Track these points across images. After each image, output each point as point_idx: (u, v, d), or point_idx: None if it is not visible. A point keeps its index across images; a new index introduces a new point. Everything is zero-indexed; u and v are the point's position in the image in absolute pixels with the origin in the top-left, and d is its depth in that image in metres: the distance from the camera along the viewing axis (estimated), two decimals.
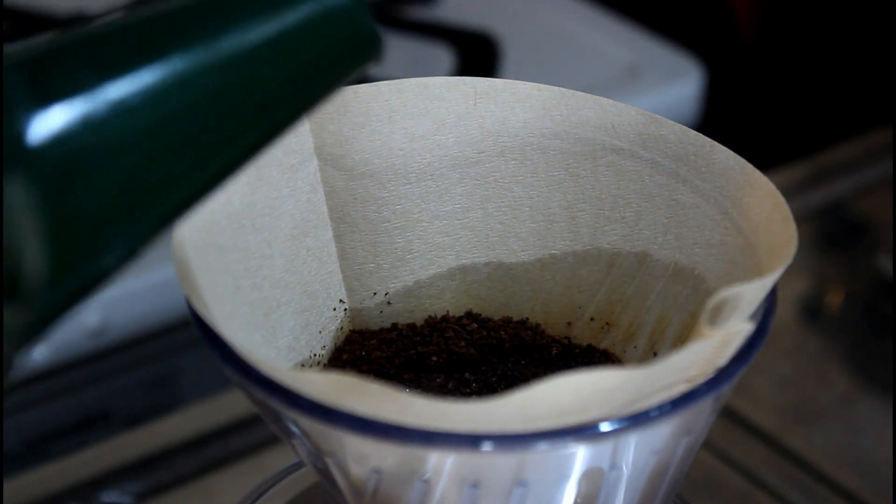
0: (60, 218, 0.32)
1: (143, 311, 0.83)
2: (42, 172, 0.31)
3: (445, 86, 0.50)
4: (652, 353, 0.49)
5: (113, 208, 0.33)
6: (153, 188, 0.34)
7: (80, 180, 0.32)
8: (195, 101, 0.33)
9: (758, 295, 0.42)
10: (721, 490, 0.73)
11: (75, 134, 0.32)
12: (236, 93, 0.34)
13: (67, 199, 0.32)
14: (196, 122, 0.34)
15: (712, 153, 0.48)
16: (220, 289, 0.44)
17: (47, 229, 0.32)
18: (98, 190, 0.32)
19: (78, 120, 0.32)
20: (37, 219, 0.31)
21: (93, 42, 0.32)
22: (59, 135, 0.31)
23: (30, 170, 0.31)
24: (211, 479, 0.73)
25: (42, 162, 0.31)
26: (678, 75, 1.02)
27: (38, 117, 0.31)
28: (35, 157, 0.31)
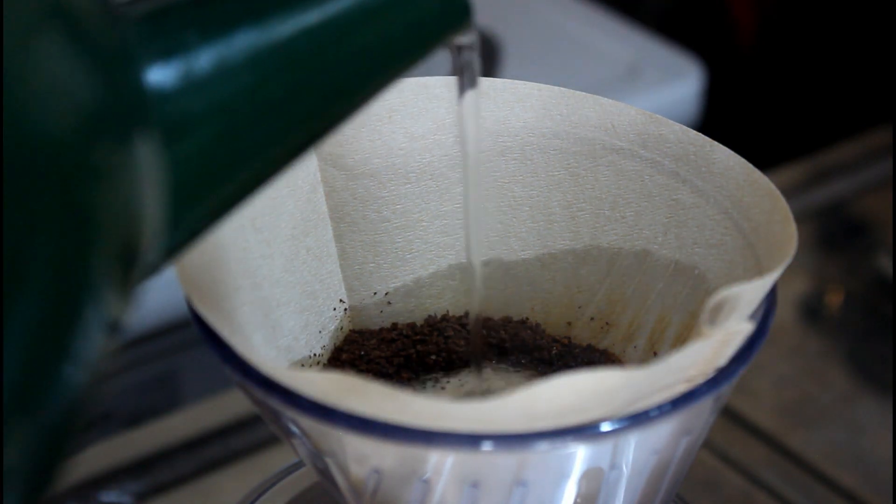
0: (177, 167, 0.33)
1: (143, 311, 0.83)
2: (160, 127, 0.32)
3: (445, 86, 0.50)
4: (652, 353, 0.49)
5: (214, 167, 0.34)
6: (252, 148, 0.35)
7: (187, 138, 0.33)
8: (291, 64, 0.34)
9: (757, 295, 0.42)
10: (721, 490, 0.73)
11: (182, 92, 0.33)
12: (332, 56, 0.35)
13: (179, 155, 0.33)
14: (292, 84, 0.35)
15: (712, 153, 0.48)
16: (220, 288, 0.44)
17: (166, 178, 0.33)
18: (201, 148, 0.34)
19: (184, 78, 0.33)
20: (156, 170, 0.32)
21: (196, 2, 0.33)
22: (170, 91, 0.33)
23: (152, 124, 0.32)
24: (211, 479, 0.73)
25: (159, 116, 0.32)
26: (678, 75, 1.02)
27: (155, 72, 0.32)
28: (154, 111, 0.32)
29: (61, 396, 0.30)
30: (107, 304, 0.31)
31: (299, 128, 0.36)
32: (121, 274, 0.31)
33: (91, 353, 0.30)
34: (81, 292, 0.30)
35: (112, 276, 0.31)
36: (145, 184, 0.32)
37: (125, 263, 0.31)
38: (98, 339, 0.31)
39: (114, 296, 0.31)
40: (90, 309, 0.30)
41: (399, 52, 0.37)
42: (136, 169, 0.31)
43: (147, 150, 0.32)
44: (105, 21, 0.31)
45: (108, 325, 0.31)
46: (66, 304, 0.29)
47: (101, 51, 0.31)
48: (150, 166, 0.32)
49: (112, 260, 0.31)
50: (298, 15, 0.34)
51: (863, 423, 0.78)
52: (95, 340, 0.30)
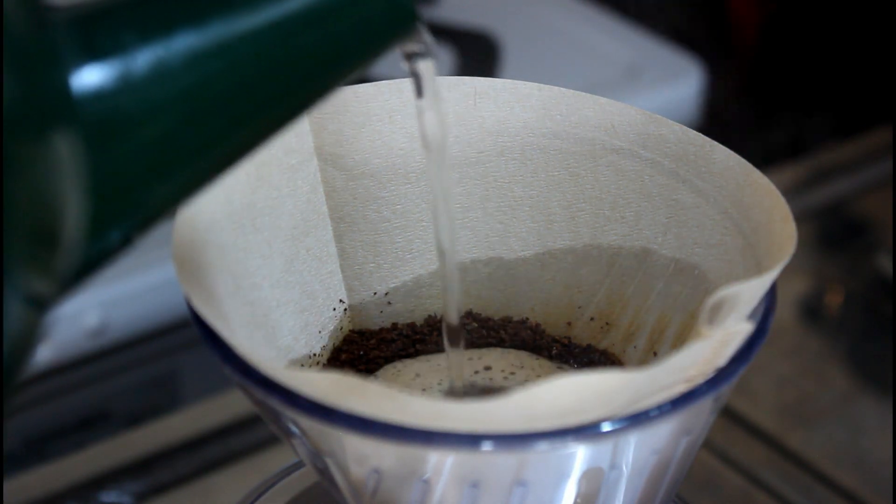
0: (101, 172, 0.33)
1: (143, 311, 0.83)
2: (85, 126, 0.32)
3: (445, 86, 0.50)
4: (652, 354, 0.49)
5: (149, 167, 0.34)
6: (189, 150, 0.34)
7: (120, 137, 0.33)
8: (233, 66, 0.34)
9: (756, 294, 0.42)
10: (721, 490, 0.73)
11: (116, 92, 0.32)
12: (273, 60, 0.35)
13: (107, 154, 0.33)
14: (233, 86, 0.34)
15: (712, 153, 0.48)
16: (221, 288, 0.44)
17: (88, 183, 0.32)
18: (136, 148, 0.33)
19: (119, 79, 0.32)
20: (78, 172, 0.32)
21: (136, 3, 0.33)
22: (101, 91, 0.32)
23: (74, 122, 0.32)
24: (211, 479, 0.73)
25: (85, 115, 0.32)
26: (678, 75, 1.02)
27: (84, 73, 0.32)
28: (79, 110, 0.32)
29: None
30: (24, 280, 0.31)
31: (237, 132, 0.35)
32: (40, 256, 0.31)
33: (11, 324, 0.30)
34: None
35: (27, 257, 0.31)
36: (64, 180, 0.31)
37: (44, 248, 0.31)
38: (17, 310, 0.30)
39: (33, 273, 0.31)
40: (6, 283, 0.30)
41: (342, 57, 0.36)
42: (52, 165, 0.31)
43: (68, 149, 0.32)
44: (32, 21, 0.31)
45: (28, 298, 0.31)
46: None
47: (23, 49, 0.31)
48: (72, 164, 0.32)
49: (26, 243, 0.31)
50: (240, 17, 0.34)
51: (863, 423, 0.78)
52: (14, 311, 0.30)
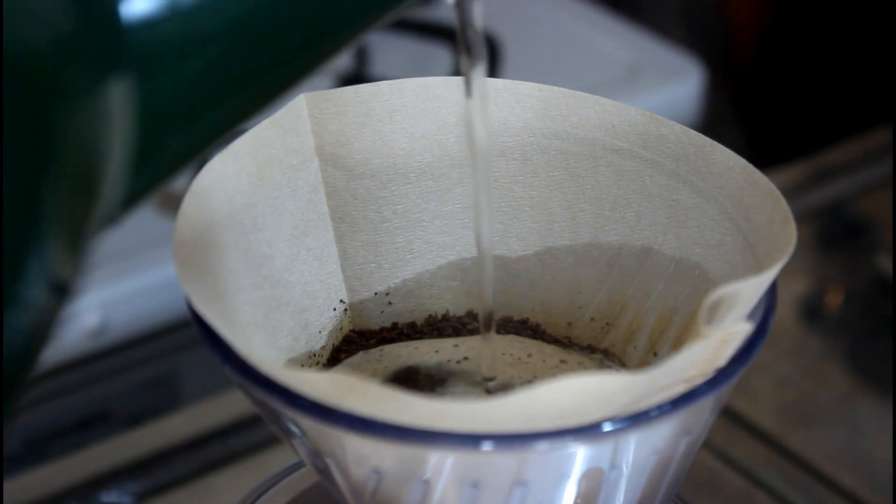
0: (149, 104, 0.32)
1: (143, 311, 0.83)
2: (134, 54, 0.32)
3: (445, 86, 0.50)
4: (652, 354, 0.49)
5: (196, 96, 0.34)
6: (234, 80, 0.34)
7: (167, 66, 0.33)
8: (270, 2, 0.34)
9: (755, 292, 0.42)
10: (721, 490, 0.73)
11: (164, 20, 0.32)
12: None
13: (155, 82, 0.33)
14: (279, 18, 0.34)
15: (713, 153, 0.48)
16: (221, 288, 0.44)
17: (137, 116, 0.32)
18: (183, 76, 0.33)
19: (167, 7, 0.32)
20: (127, 105, 0.32)
21: None
22: (149, 20, 0.32)
23: (123, 55, 0.32)
24: (211, 479, 0.73)
25: (134, 44, 0.32)
26: (678, 75, 1.02)
27: (131, 3, 0.32)
28: (128, 38, 0.32)
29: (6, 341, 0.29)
30: (55, 245, 0.30)
31: (282, 63, 0.35)
32: (75, 211, 0.31)
33: (37, 298, 0.30)
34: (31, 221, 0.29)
35: (64, 211, 0.30)
36: (113, 118, 0.31)
37: (81, 200, 0.31)
38: (44, 281, 0.30)
39: (64, 236, 0.30)
40: (37, 244, 0.29)
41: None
42: (104, 101, 0.31)
43: (119, 85, 0.31)
44: None
45: (54, 275, 0.30)
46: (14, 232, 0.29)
47: None
48: (121, 100, 0.31)
49: (67, 193, 0.30)
50: None
51: (863, 423, 0.78)
52: (41, 283, 0.30)
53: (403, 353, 0.50)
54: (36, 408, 0.82)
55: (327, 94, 0.49)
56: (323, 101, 0.49)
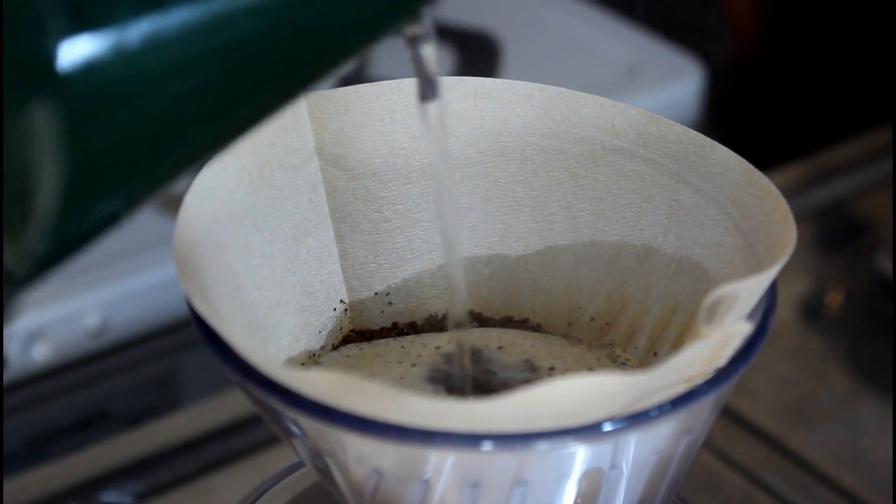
0: (82, 148, 0.31)
1: (143, 311, 0.83)
2: (69, 98, 0.31)
3: (446, 86, 0.50)
4: (652, 354, 0.49)
5: (137, 143, 0.32)
6: (179, 127, 0.33)
7: (107, 112, 0.32)
8: (231, 42, 0.33)
9: (754, 292, 0.42)
10: (721, 490, 0.73)
11: (107, 64, 0.31)
12: (273, 36, 0.34)
13: (91, 129, 0.31)
14: (231, 62, 0.33)
15: (712, 153, 0.48)
16: (221, 288, 0.44)
17: (67, 158, 0.31)
18: (124, 123, 0.32)
19: (111, 50, 0.31)
20: (58, 146, 0.31)
21: None
22: (90, 63, 0.31)
23: (57, 94, 0.31)
24: (211, 479, 0.73)
25: (70, 88, 0.31)
26: (678, 75, 1.02)
27: (72, 43, 0.31)
28: (64, 82, 0.31)
29: None
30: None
31: (232, 110, 0.34)
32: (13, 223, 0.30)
33: None
34: None
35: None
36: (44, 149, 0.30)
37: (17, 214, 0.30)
38: None
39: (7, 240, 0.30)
40: None
41: (343, 35, 0.35)
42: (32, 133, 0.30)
43: (49, 118, 0.31)
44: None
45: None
46: None
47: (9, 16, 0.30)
48: (52, 134, 0.31)
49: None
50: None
51: (863, 423, 0.78)
52: None
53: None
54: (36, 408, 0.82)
55: (328, 94, 0.49)
56: (323, 100, 0.49)
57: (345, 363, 0.49)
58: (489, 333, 0.50)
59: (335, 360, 0.49)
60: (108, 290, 0.82)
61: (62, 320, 0.81)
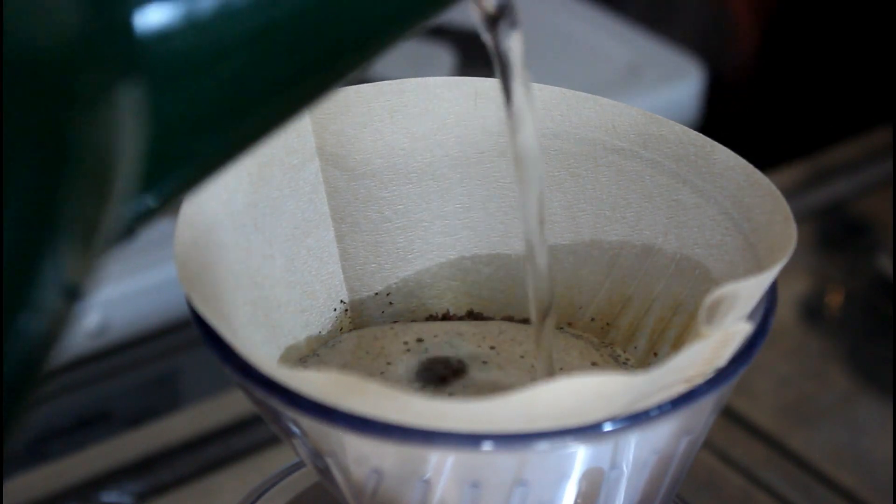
0: (162, 115, 0.32)
1: (143, 311, 0.83)
2: (148, 68, 0.31)
3: (446, 86, 0.50)
4: (652, 354, 0.49)
5: (213, 111, 0.33)
6: (253, 95, 0.33)
7: (183, 80, 0.32)
8: (301, 10, 0.33)
9: (754, 292, 0.42)
10: (721, 490, 0.73)
11: (181, 32, 0.31)
12: (339, 7, 0.34)
13: (170, 96, 0.32)
14: (300, 31, 0.33)
15: (713, 153, 0.48)
16: (221, 288, 0.44)
17: (149, 126, 0.31)
18: (200, 91, 0.32)
19: (184, 18, 0.31)
20: (140, 115, 0.31)
21: None
22: (165, 32, 0.31)
23: (137, 64, 0.31)
24: (211, 479, 0.73)
25: (149, 57, 0.31)
26: (678, 75, 1.02)
27: (147, 13, 0.31)
28: (142, 51, 0.31)
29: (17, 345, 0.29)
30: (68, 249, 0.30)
31: (300, 82, 0.34)
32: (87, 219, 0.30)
33: (49, 302, 0.29)
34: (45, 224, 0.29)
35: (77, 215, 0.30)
36: (127, 127, 0.30)
37: (94, 204, 0.30)
38: (57, 285, 0.29)
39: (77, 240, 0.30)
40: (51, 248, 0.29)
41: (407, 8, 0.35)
42: (116, 109, 0.30)
43: (131, 95, 0.31)
44: None
45: (67, 279, 0.30)
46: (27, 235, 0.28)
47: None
48: (134, 110, 0.31)
49: (79, 197, 0.30)
50: None
51: (863, 423, 0.78)
52: (54, 288, 0.29)
53: None
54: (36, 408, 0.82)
55: None
56: (324, 100, 0.49)
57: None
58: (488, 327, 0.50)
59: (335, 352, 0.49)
60: (108, 290, 0.82)
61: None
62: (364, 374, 0.47)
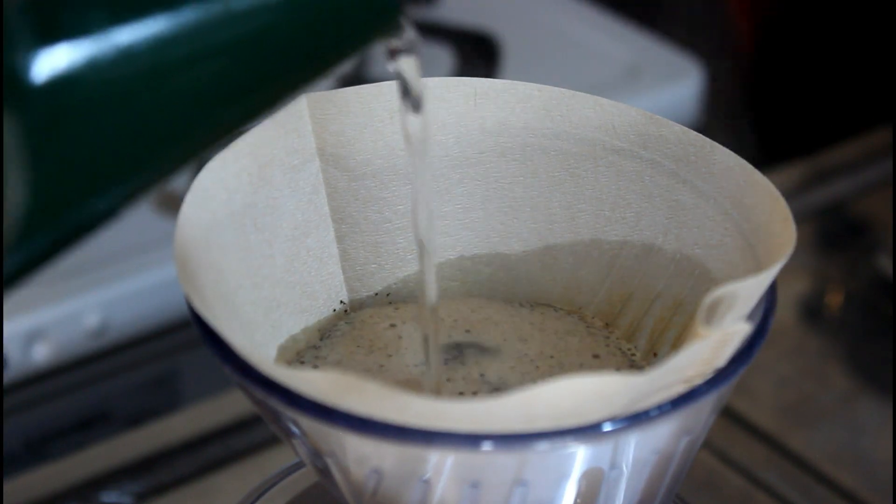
0: (51, 160, 0.31)
1: (143, 311, 0.83)
2: (38, 112, 0.30)
3: (446, 86, 0.50)
4: (652, 354, 0.49)
5: (109, 155, 0.32)
6: (152, 138, 0.33)
7: (79, 123, 0.31)
8: (205, 52, 0.32)
9: (753, 292, 0.42)
10: (721, 490, 0.73)
11: (78, 75, 0.31)
12: (247, 47, 0.33)
13: (62, 140, 0.31)
14: (204, 73, 0.33)
15: (712, 154, 0.48)
16: (221, 288, 0.44)
17: (35, 171, 0.31)
18: (96, 134, 0.31)
19: (83, 61, 0.31)
20: (26, 159, 0.30)
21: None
22: (61, 75, 0.31)
23: (25, 108, 0.30)
24: (211, 479, 0.73)
25: (39, 101, 0.30)
26: (678, 75, 1.02)
27: (42, 55, 0.30)
28: (32, 95, 0.30)
29: None
30: None
31: (211, 118, 0.33)
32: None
33: None
34: None
35: None
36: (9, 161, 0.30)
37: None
38: None
39: None
40: None
41: (319, 48, 0.35)
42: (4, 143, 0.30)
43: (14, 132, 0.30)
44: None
45: None
46: None
47: None
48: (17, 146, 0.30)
49: None
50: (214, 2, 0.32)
51: (863, 423, 0.78)
52: None
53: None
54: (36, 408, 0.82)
55: (328, 94, 0.49)
56: (324, 101, 0.49)
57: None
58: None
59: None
60: (108, 290, 0.82)
61: (62, 320, 0.81)
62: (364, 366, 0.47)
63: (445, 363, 0.47)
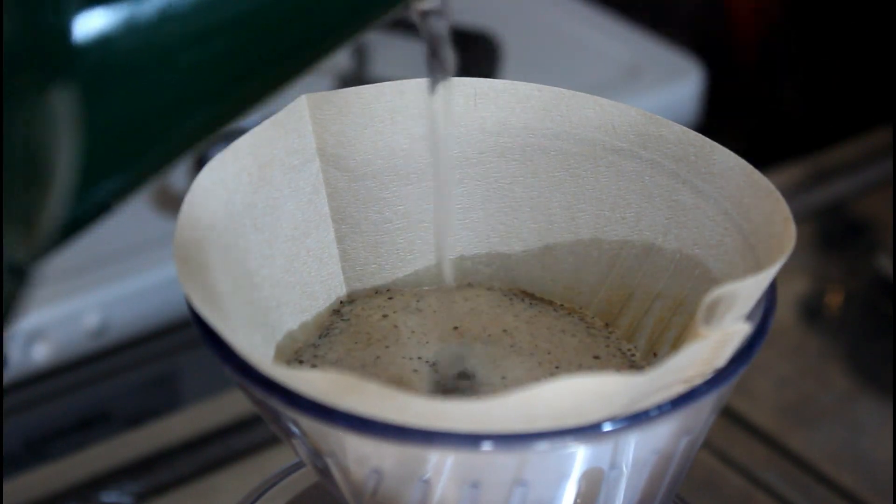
0: (97, 121, 0.31)
1: (143, 311, 0.83)
2: (84, 73, 0.31)
3: (446, 87, 0.50)
4: (652, 354, 0.49)
5: (151, 116, 0.32)
6: (193, 99, 0.33)
7: (121, 84, 0.31)
8: (244, 13, 0.33)
9: (753, 292, 0.42)
10: (721, 490, 0.73)
11: (120, 36, 0.31)
12: (286, 8, 0.33)
13: (107, 102, 0.31)
14: (243, 35, 0.33)
15: (712, 154, 0.48)
16: (221, 288, 0.44)
17: (83, 132, 0.31)
18: (138, 95, 0.32)
19: (124, 22, 0.31)
20: (74, 121, 0.31)
21: None
22: (104, 36, 0.31)
23: (72, 69, 0.31)
24: (211, 479, 0.73)
25: (85, 62, 0.31)
26: (678, 75, 1.02)
27: (85, 17, 0.31)
28: (78, 56, 0.31)
29: None
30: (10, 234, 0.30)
31: (250, 80, 0.34)
32: (26, 208, 0.30)
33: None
34: None
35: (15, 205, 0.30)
36: (60, 126, 0.30)
37: (31, 198, 0.30)
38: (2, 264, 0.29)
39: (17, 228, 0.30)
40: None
41: (354, 7, 0.35)
42: (49, 109, 0.30)
43: (66, 95, 0.30)
44: None
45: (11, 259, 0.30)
46: None
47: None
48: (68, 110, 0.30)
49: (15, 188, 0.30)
50: None
51: (863, 423, 0.78)
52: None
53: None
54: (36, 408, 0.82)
55: (329, 95, 0.49)
56: (324, 102, 0.49)
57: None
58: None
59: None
60: (108, 290, 0.82)
61: (62, 320, 0.81)
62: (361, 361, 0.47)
63: (455, 390, 0.47)
